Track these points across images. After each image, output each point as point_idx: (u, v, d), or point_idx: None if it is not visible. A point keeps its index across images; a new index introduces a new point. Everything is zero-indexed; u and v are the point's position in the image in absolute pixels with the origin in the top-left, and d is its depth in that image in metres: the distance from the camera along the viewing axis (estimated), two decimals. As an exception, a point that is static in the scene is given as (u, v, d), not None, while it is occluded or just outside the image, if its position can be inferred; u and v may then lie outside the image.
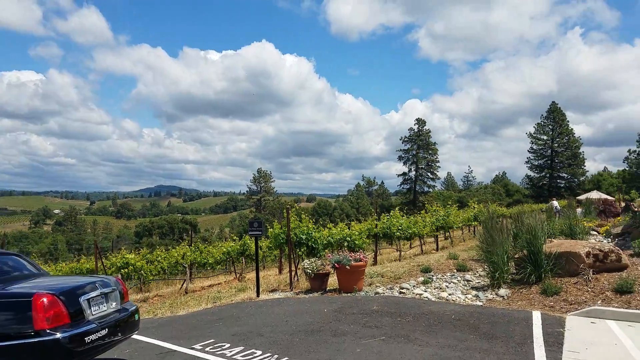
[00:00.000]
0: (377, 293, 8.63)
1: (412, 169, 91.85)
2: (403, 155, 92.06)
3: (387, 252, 19.17)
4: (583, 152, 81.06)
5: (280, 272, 17.04)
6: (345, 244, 12.83)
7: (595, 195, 37.18)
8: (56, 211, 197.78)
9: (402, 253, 16.17)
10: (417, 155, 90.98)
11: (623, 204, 28.58)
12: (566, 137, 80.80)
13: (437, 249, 18.26)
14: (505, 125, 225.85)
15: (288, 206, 10.89)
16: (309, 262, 10.24)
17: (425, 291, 8.46)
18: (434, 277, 9.57)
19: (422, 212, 17.79)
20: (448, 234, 19.15)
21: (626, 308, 5.87)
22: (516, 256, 8.52)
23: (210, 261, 14.05)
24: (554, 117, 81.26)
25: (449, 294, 8.10)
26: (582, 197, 41.37)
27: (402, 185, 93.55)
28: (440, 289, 8.64)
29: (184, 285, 13.07)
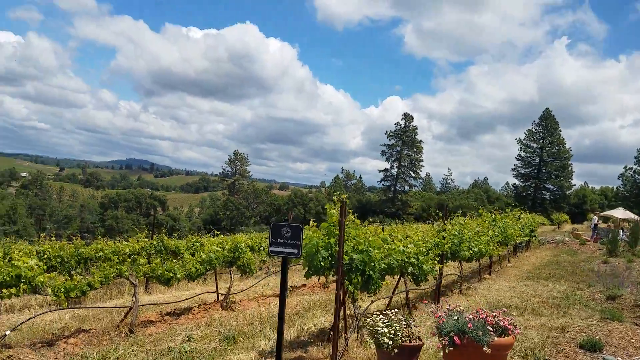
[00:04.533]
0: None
1: (395, 166, 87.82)
2: (387, 151, 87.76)
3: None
4: (572, 164, 78.01)
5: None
6: (410, 268, 7.81)
7: (619, 214, 33.38)
8: (23, 174, 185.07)
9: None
10: (401, 152, 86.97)
11: None
12: (557, 147, 77.60)
13: (489, 274, 13.49)
14: (483, 130, 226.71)
15: (341, 197, 5.68)
16: (386, 321, 5.23)
17: None
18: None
19: (479, 219, 12.88)
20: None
21: None
22: None
23: (179, 275, 8.68)
24: (547, 125, 77.81)
25: None
26: (603, 214, 37.85)
27: (383, 182, 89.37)
28: None
29: (128, 316, 7.71)
